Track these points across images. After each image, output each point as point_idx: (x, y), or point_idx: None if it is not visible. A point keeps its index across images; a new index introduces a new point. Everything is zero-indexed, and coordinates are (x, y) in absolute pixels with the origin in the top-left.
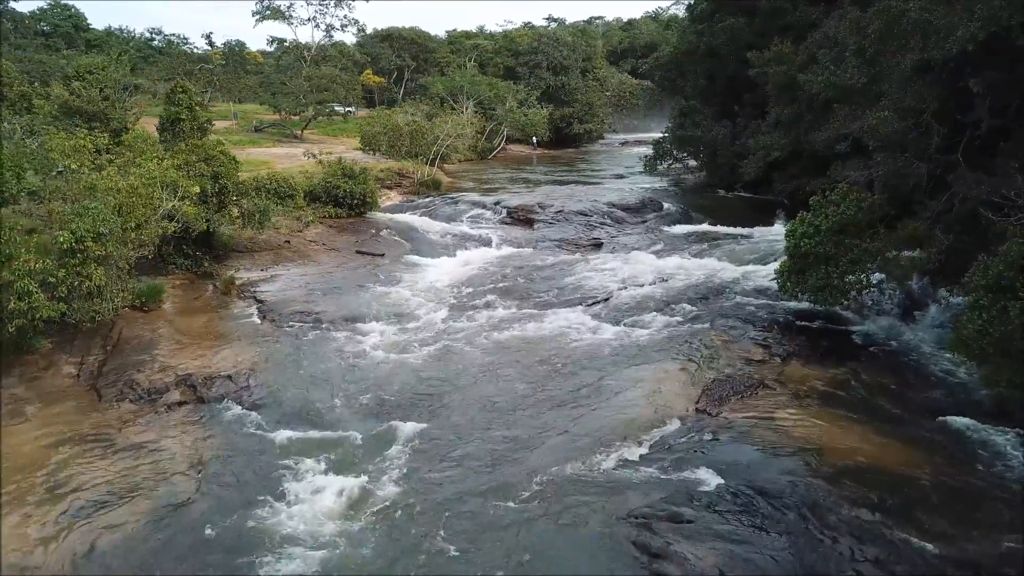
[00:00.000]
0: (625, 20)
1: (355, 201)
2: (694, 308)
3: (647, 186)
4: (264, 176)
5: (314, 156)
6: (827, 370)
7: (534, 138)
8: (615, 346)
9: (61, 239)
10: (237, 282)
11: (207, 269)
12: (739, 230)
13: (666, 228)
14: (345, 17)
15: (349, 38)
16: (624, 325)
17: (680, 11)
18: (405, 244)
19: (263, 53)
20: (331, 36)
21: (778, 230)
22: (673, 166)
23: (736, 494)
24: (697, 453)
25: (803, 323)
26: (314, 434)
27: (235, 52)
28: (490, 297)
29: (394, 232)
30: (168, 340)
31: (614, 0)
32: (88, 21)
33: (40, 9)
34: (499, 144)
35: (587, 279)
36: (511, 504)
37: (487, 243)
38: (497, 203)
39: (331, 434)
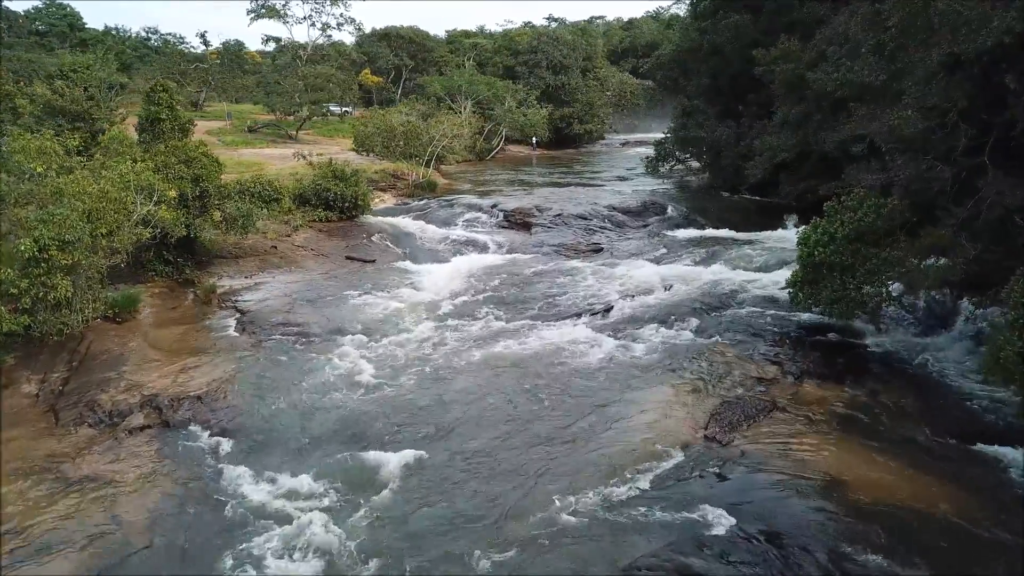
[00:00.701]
0: (626, 20)
1: (346, 204)
2: (699, 320)
3: (649, 188)
4: (248, 179)
5: (304, 158)
6: (845, 390)
7: (534, 138)
8: (616, 363)
9: (23, 247)
10: (218, 290)
11: (188, 276)
12: (745, 235)
13: (669, 232)
14: (342, 16)
15: (347, 37)
16: (625, 339)
17: (681, 11)
18: (397, 249)
19: (262, 53)
20: (330, 37)
21: (786, 235)
22: (675, 167)
23: (751, 539)
24: (707, 489)
25: (816, 337)
26: (285, 472)
27: (231, 51)
28: (484, 308)
29: (386, 237)
30: (138, 355)
31: (615, 0)
32: (84, 20)
33: (35, 8)
34: (498, 145)
35: (586, 288)
36: (499, 555)
37: (483, 248)
38: (494, 206)
39: (304, 470)
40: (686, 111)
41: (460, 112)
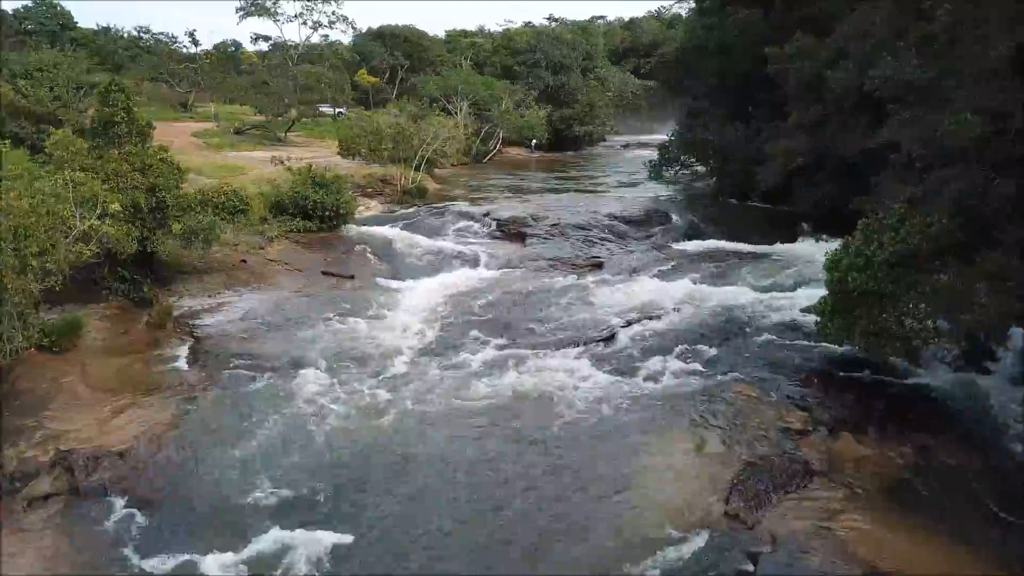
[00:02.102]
0: (627, 19)
1: (327, 213)
2: (712, 350)
3: (652, 195)
4: (211, 188)
5: (282, 163)
6: (890, 447)
7: (532, 141)
8: (616, 409)
9: None
10: (175, 312)
11: (146, 295)
12: (758, 247)
13: (674, 244)
14: (333, 13)
15: (338, 35)
16: (628, 376)
17: (683, 11)
18: (380, 264)
19: (259, 54)
20: (327, 37)
21: (802, 248)
22: (680, 172)
23: None
24: None
25: (847, 373)
26: (209, 558)
27: (221, 50)
28: (469, 335)
29: (368, 249)
30: (68, 394)
31: (617, 0)
32: (75, 20)
33: (24, 7)
34: (495, 147)
35: (585, 309)
36: None
37: (473, 262)
38: (486, 215)
39: (232, 555)
40: (691, 113)
41: (456, 113)
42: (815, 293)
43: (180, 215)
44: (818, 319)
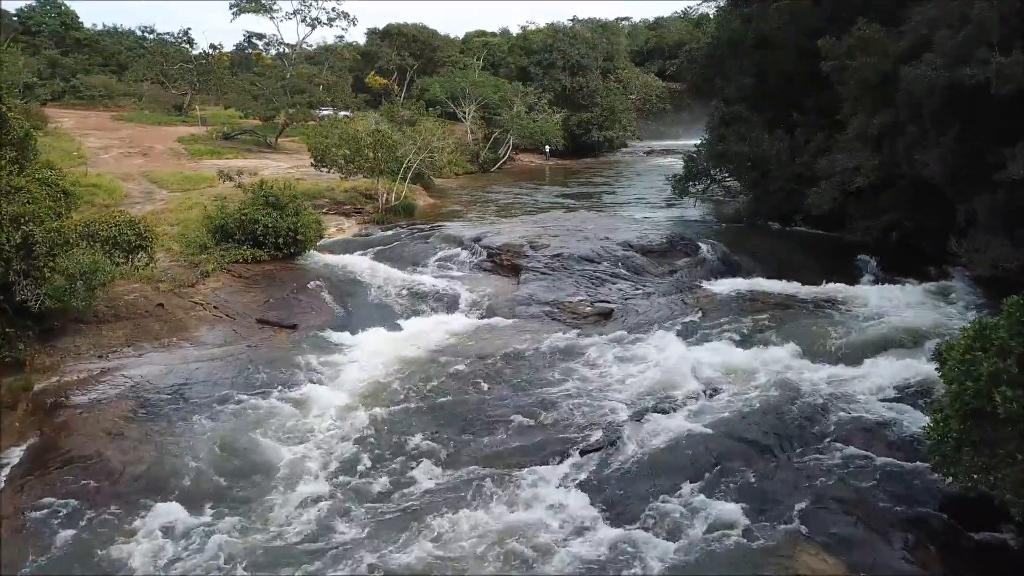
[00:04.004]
0: (652, 20)
1: (280, 240)
2: (759, 475)
3: (676, 214)
4: (99, 218)
5: (231, 179)
6: None
7: (547, 147)
8: None
9: None
10: (41, 383)
11: (21, 354)
12: (810, 289)
13: (704, 284)
14: (333, 10)
15: (350, 36)
16: (633, 521)
17: (711, 10)
18: (335, 306)
19: (271, 56)
20: (342, 38)
21: (867, 293)
22: (710, 188)
23: None
24: None
25: (980, 535)
26: None
27: (215, 52)
28: (415, 436)
29: (326, 285)
30: None
31: (645, 1)
32: (80, 20)
33: (28, 7)
34: (505, 154)
35: (582, 389)
36: None
37: (452, 305)
38: (477, 239)
39: None
40: (724, 119)
41: (464, 118)
42: (896, 371)
43: (54, 254)
44: (932, 448)
